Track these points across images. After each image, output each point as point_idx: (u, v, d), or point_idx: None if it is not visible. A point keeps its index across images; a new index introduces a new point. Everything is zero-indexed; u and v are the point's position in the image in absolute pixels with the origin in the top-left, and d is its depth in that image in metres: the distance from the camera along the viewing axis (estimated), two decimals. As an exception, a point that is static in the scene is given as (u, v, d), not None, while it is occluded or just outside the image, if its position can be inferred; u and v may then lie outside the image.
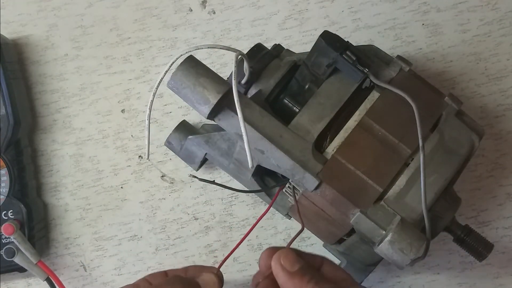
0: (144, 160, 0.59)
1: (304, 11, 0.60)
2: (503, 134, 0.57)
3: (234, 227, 0.58)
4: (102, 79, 0.61)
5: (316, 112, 0.45)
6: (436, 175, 0.44)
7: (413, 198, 0.43)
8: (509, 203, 0.57)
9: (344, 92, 0.46)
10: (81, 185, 0.59)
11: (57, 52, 0.61)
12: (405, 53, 0.59)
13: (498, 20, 0.59)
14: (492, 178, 0.57)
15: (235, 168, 0.49)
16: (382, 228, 0.42)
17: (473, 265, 0.56)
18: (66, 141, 0.60)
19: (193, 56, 0.43)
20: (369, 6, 0.60)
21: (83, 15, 0.62)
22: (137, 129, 0.60)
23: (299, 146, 0.44)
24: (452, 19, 0.59)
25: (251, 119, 0.44)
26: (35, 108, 0.60)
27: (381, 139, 0.44)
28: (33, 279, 0.58)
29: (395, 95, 0.45)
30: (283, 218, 0.56)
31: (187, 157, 0.52)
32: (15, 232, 0.52)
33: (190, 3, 0.61)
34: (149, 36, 0.61)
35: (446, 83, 0.58)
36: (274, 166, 0.45)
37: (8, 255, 0.53)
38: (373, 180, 0.43)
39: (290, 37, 0.60)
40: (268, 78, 0.48)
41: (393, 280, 0.56)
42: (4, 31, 0.60)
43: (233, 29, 0.61)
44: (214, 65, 0.60)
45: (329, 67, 0.45)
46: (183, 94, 0.42)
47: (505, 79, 0.58)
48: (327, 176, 0.44)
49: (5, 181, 0.55)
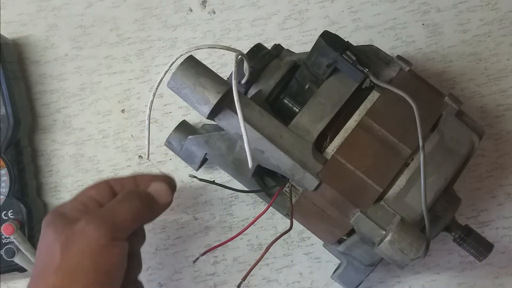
0: (144, 160, 0.59)
1: (304, 11, 0.60)
2: (503, 134, 0.57)
3: (234, 227, 0.58)
4: (102, 79, 0.61)
5: (316, 112, 0.45)
6: (436, 175, 0.44)
7: (413, 198, 0.43)
8: (509, 203, 0.57)
9: (344, 92, 0.46)
10: (81, 185, 0.59)
11: (57, 52, 0.61)
12: (405, 53, 0.59)
13: (498, 20, 0.59)
14: (492, 178, 0.57)
15: (235, 168, 0.49)
16: (382, 228, 0.42)
17: (473, 265, 0.56)
18: (66, 141, 0.60)
19: (193, 56, 0.43)
20: (369, 6, 0.60)
21: (83, 15, 0.62)
22: (137, 129, 0.60)
23: (299, 146, 0.44)
24: (452, 19, 0.59)
25: (251, 119, 0.44)
26: (35, 108, 0.60)
27: (381, 139, 0.44)
28: (33, 279, 0.58)
29: (395, 95, 0.45)
30: (283, 218, 0.56)
31: (187, 157, 0.52)
32: (15, 232, 0.52)
33: (190, 3, 0.61)
34: (149, 36, 0.61)
35: (446, 83, 0.58)
36: (274, 166, 0.45)
37: (8, 255, 0.53)
38: (373, 180, 0.43)
39: (290, 37, 0.60)
40: (268, 78, 0.48)
41: (393, 280, 0.56)
42: (4, 31, 0.60)
43: (233, 29, 0.61)
44: (214, 65, 0.60)
45: (329, 67, 0.45)
46: (183, 94, 0.42)
47: (505, 79, 0.58)
48: (327, 176, 0.44)
49: (5, 181, 0.55)
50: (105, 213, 0.40)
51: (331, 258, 0.55)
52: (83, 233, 0.38)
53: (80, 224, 0.38)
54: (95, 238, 0.37)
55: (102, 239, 0.37)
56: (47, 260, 0.38)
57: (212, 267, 0.57)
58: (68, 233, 0.38)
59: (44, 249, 0.39)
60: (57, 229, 0.39)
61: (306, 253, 0.57)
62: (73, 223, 0.38)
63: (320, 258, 0.57)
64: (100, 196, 0.42)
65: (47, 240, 0.39)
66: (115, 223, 0.39)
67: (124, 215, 0.40)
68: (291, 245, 0.57)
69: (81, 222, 0.38)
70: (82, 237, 0.37)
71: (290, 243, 0.57)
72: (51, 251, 0.38)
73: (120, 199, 0.41)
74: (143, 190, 0.43)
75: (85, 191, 0.43)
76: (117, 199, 0.41)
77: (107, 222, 0.39)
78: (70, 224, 0.38)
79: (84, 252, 0.37)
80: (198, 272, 0.57)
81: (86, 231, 0.38)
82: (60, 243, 0.37)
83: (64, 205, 0.42)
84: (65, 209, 0.41)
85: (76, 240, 0.37)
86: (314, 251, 0.57)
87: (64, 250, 0.37)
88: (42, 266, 0.39)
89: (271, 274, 0.57)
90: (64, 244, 0.37)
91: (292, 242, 0.57)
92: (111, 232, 0.38)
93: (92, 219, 0.38)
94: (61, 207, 0.41)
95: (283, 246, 0.57)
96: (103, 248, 0.38)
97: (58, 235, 0.38)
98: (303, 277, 0.56)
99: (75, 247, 0.37)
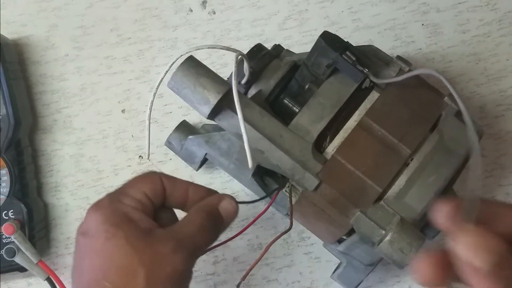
0: (145, 160, 0.59)
1: (304, 11, 0.61)
2: (503, 134, 0.58)
3: (234, 227, 0.57)
4: (103, 79, 0.61)
5: (316, 112, 0.46)
6: (436, 175, 0.44)
7: (412, 198, 0.43)
8: (508, 203, 0.57)
9: (344, 92, 0.46)
10: (81, 185, 0.59)
11: (57, 52, 0.61)
12: (405, 53, 0.59)
13: (497, 21, 0.59)
14: (492, 178, 0.57)
15: (235, 168, 0.49)
16: (381, 228, 0.43)
17: (473, 265, 0.56)
18: (67, 141, 0.60)
19: (193, 57, 0.43)
20: (369, 6, 0.60)
21: (83, 16, 0.62)
22: (137, 129, 0.60)
23: (299, 146, 0.44)
24: (451, 19, 0.59)
25: (251, 119, 0.44)
26: (36, 108, 0.61)
27: (381, 139, 0.45)
28: (33, 279, 0.58)
29: (394, 95, 0.45)
30: (283, 218, 0.56)
31: (188, 157, 0.52)
32: (15, 232, 0.52)
33: (190, 3, 0.62)
34: (149, 36, 0.61)
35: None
36: (274, 166, 0.45)
37: (8, 255, 0.53)
38: (372, 180, 0.43)
39: (290, 37, 0.60)
40: (268, 78, 0.48)
41: (393, 280, 0.56)
42: (4, 31, 0.60)
43: (233, 29, 0.61)
44: (214, 65, 0.60)
45: (329, 67, 0.45)
46: (183, 94, 0.42)
47: (505, 79, 0.58)
48: (327, 176, 0.44)
49: (5, 181, 0.55)
50: (189, 244, 0.37)
51: (331, 258, 0.55)
52: (170, 262, 0.36)
53: (165, 250, 0.36)
54: (181, 272, 0.36)
55: (186, 272, 0.37)
56: (125, 280, 0.35)
57: (212, 267, 0.57)
58: (152, 254, 0.35)
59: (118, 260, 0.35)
60: (135, 241, 0.36)
61: (306, 252, 0.57)
62: (152, 239, 0.36)
63: (320, 258, 0.57)
64: (154, 194, 0.39)
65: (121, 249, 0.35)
66: (197, 255, 0.38)
67: (204, 246, 0.39)
68: (291, 245, 0.57)
69: (166, 247, 0.36)
70: (168, 267, 0.36)
71: (290, 243, 0.57)
72: (133, 271, 0.35)
73: (201, 226, 0.39)
74: (218, 212, 0.41)
75: (138, 183, 0.40)
76: (199, 224, 0.39)
77: (193, 256, 0.38)
78: (148, 238, 0.36)
79: (170, 280, 0.36)
80: (198, 272, 0.57)
81: (174, 263, 0.36)
82: (145, 265, 0.35)
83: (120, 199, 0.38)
84: (127, 209, 0.37)
85: (162, 269, 0.35)
86: (314, 251, 0.57)
87: (150, 275, 0.35)
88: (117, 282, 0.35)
89: (271, 274, 0.57)
90: (150, 268, 0.35)
91: (292, 242, 0.57)
92: (193, 264, 0.38)
93: (178, 250, 0.36)
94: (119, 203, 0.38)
95: (283, 246, 0.57)
96: (186, 274, 0.37)
97: (139, 252, 0.35)
98: (303, 277, 0.57)
99: (161, 274, 0.35)
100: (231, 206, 0.41)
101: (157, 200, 0.39)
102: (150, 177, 0.40)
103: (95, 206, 0.38)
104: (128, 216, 0.37)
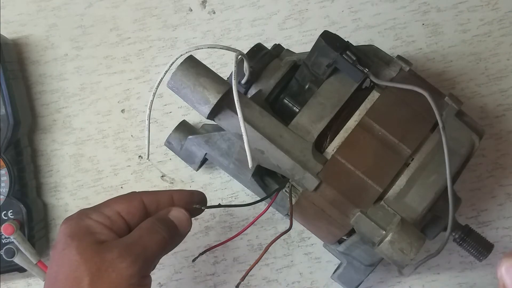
0: (144, 160, 0.59)
1: (304, 11, 0.60)
2: (503, 134, 0.57)
3: (234, 227, 0.58)
4: (102, 79, 0.61)
5: (316, 112, 0.45)
6: (436, 175, 0.44)
7: (413, 198, 0.43)
8: (509, 203, 0.57)
9: (344, 92, 0.46)
10: (81, 185, 0.59)
11: (57, 52, 0.61)
12: (405, 53, 0.59)
13: (498, 20, 0.59)
14: (492, 178, 0.57)
15: (235, 168, 0.49)
16: (382, 228, 0.42)
17: (473, 265, 0.56)
18: (66, 141, 0.60)
19: (193, 56, 0.43)
20: (369, 6, 0.60)
21: (83, 15, 0.62)
22: (137, 129, 0.60)
23: (299, 146, 0.44)
24: (452, 19, 0.59)
25: (251, 119, 0.44)
26: (35, 108, 0.60)
27: (381, 139, 0.44)
28: (33, 279, 0.58)
29: (395, 95, 0.45)
30: (283, 218, 0.56)
31: (187, 157, 0.52)
32: (15, 232, 0.52)
33: (190, 3, 0.61)
34: (149, 36, 0.61)
35: (446, 83, 0.58)
36: (274, 166, 0.45)
37: (8, 255, 0.53)
38: (373, 180, 0.43)
39: (290, 37, 0.60)
40: (268, 78, 0.48)
41: (393, 280, 0.56)
42: (4, 31, 0.60)
43: (233, 29, 0.61)
44: (214, 65, 0.60)
45: (329, 67, 0.45)
46: (183, 94, 0.42)
47: (505, 79, 0.58)
48: (327, 176, 0.44)
49: (5, 181, 0.55)
50: (137, 248, 0.38)
51: (331, 258, 0.55)
52: (115, 268, 0.36)
53: (111, 256, 0.37)
54: (127, 277, 0.36)
55: (134, 278, 0.37)
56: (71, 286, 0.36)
57: (212, 267, 0.57)
58: (98, 262, 0.36)
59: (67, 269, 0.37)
60: (85, 251, 0.37)
61: (306, 253, 0.57)
62: (102, 248, 0.37)
63: (320, 258, 0.57)
64: (129, 215, 0.40)
65: (70, 258, 0.37)
66: (146, 259, 0.38)
67: (155, 250, 0.39)
68: (291, 245, 0.57)
69: (112, 253, 0.37)
70: (113, 273, 0.36)
71: (290, 243, 0.57)
72: (78, 278, 0.36)
73: (150, 229, 0.39)
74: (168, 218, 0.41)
75: (114, 203, 0.41)
76: (147, 228, 0.39)
77: (140, 259, 0.37)
78: (99, 248, 0.37)
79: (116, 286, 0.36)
80: (198, 272, 0.57)
81: (119, 267, 0.36)
82: (90, 273, 0.36)
83: (88, 215, 0.39)
84: (90, 222, 0.39)
85: (107, 275, 0.36)
86: (314, 251, 0.57)
87: (94, 282, 0.36)
88: None
89: (271, 274, 0.57)
90: (94, 275, 0.36)
91: (292, 242, 0.57)
92: (142, 270, 0.37)
93: (124, 254, 0.37)
94: (86, 218, 0.39)
95: (283, 246, 0.57)
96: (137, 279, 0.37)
97: (86, 261, 0.36)
98: (303, 277, 0.56)
99: (106, 280, 0.36)
100: (181, 214, 0.42)
101: (133, 219, 0.40)
102: (127, 197, 0.42)
103: (66, 219, 0.40)
104: (89, 229, 0.38)
